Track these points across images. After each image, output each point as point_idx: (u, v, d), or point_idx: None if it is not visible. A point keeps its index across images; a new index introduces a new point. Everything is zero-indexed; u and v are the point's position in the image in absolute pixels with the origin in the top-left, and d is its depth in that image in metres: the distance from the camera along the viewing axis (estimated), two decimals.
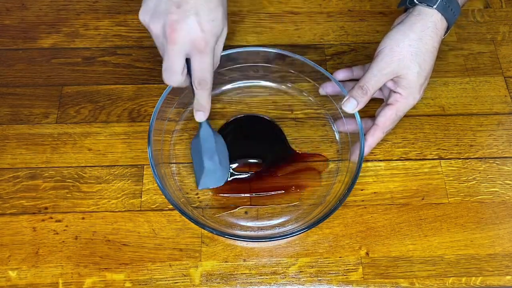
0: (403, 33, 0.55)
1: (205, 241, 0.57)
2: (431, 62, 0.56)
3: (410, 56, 0.54)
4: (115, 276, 0.55)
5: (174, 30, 0.49)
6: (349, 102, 0.56)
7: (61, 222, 0.57)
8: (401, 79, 0.55)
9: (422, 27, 0.55)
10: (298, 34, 0.71)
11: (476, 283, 0.55)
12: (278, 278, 0.55)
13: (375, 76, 0.55)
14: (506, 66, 0.69)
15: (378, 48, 0.56)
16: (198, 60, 0.51)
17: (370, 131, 0.57)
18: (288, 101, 0.65)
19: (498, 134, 0.64)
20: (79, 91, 0.65)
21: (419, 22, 0.55)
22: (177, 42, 0.49)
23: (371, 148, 0.57)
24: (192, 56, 0.51)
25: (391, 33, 0.56)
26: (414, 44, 0.54)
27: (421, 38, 0.55)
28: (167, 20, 0.49)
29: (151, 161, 0.54)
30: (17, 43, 0.69)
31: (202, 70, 0.52)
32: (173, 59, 0.51)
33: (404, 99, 0.56)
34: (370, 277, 0.55)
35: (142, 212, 0.58)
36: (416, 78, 0.55)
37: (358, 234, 0.57)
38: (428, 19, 0.55)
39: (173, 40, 0.49)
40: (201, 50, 0.50)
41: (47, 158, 0.61)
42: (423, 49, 0.55)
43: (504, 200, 0.59)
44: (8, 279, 0.54)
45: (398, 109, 0.56)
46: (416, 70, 0.55)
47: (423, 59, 0.55)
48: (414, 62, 0.54)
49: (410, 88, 0.55)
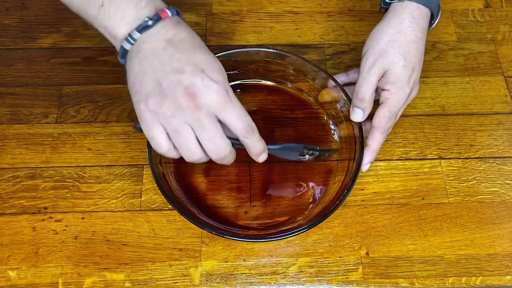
0: (381, 31, 0.56)
1: (205, 241, 0.56)
2: (417, 52, 0.56)
3: (393, 50, 0.55)
4: (115, 276, 0.55)
5: (193, 95, 0.44)
6: (354, 112, 0.57)
7: (61, 222, 0.57)
8: (388, 75, 0.55)
9: (398, 20, 0.56)
10: (298, 34, 0.71)
11: (476, 283, 0.55)
12: (278, 278, 0.55)
13: (364, 78, 0.56)
14: (506, 66, 0.68)
15: (363, 51, 0.57)
16: (230, 112, 0.46)
17: (370, 135, 0.57)
18: (288, 101, 0.65)
19: (498, 134, 0.64)
20: (79, 90, 0.65)
21: (394, 17, 0.56)
22: (202, 106, 0.44)
23: (375, 152, 0.57)
24: (222, 112, 0.46)
25: (371, 34, 0.57)
26: (395, 38, 0.55)
27: (400, 30, 0.55)
28: (179, 91, 0.44)
29: (150, 161, 0.54)
30: (16, 42, 0.69)
31: (240, 118, 0.47)
32: (210, 125, 0.45)
33: (394, 95, 0.56)
34: (370, 277, 0.55)
35: (142, 212, 0.58)
36: (402, 70, 0.55)
37: (358, 234, 0.57)
38: (402, 12, 0.56)
39: (198, 105, 0.44)
40: (227, 101, 0.46)
41: (46, 158, 0.61)
42: (405, 40, 0.55)
43: (504, 200, 0.59)
44: (7, 279, 0.54)
45: (390, 105, 0.56)
46: (402, 63, 0.55)
47: (407, 50, 0.55)
48: (398, 54, 0.55)
49: (398, 82, 0.55)
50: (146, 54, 0.46)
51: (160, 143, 0.47)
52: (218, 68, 0.47)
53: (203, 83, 0.45)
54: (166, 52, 0.46)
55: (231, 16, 0.72)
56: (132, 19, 0.47)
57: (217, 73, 0.46)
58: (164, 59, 0.46)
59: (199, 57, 0.46)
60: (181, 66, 0.45)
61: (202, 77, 0.45)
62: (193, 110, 0.44)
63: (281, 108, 0.64)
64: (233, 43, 0.70)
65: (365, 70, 0.56)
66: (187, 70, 0.45)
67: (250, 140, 0.48)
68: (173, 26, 0.47)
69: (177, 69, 0.45)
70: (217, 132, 0.46)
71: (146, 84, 0.46)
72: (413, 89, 0.58)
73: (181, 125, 0.45)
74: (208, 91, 0.45)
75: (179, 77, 0.45)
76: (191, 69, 0.45)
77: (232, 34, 0.70)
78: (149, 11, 0.47)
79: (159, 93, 0.45)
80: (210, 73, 0.46)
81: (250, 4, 0.73)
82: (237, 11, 0.73)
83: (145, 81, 0.46)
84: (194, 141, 0.46)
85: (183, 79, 0.45)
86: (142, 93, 0.46)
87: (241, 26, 0.71)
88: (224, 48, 0.66)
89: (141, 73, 0.46)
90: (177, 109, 0.45)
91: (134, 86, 0.47)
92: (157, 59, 0.46)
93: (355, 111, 0.56)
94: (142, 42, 0.47)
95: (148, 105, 0.45)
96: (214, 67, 0.46)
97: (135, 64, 0.47)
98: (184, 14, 0.69)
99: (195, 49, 0.47)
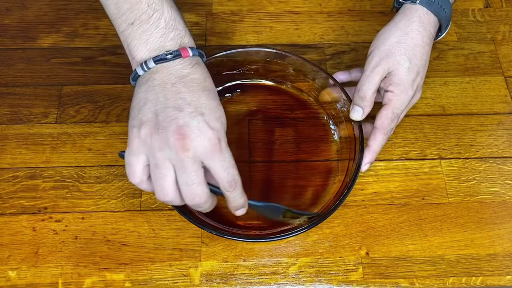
0: (389, 31, 0.56)
1: (205, 241, 0.56)
2: (423, 56, 0.56)
3: (399, 51, 0.55)
4: (115, 276, 0.55)
5: (183, 136, 0.44)
6: (354, 111, 0.57)
7: (61, 222, 0.57)
8: (392, 76, 0.55)
9: (407, 22, 0.56)
10: (298, 34, 0.71)
11: (476, 283, 0.55)
12: (278, 278, 0.55)
13: (367, 77, 0.55)
14: (506, 66, 0.68)
15: (369, 50, 0.57)
16: (217, 161, 0.45)
17: (371, 135, 0.57)
18: (288, 101, 0.65)
19: (498, 134, 0.64)
20: (79, 90, 0.65)
21: (404, 18, 0.56)
22: (190, 148, 0.44)
23: (376, 153, 0.56)
24: (209, 160, 0.45)
25: (379, 33, 0.57)
26: (402, 40, 0.55)
27: (407, 33, 0.55)
28: (172, 128, 0.44)
29: None
30: (16, 42, 0.69)
31: (226, 170, 0.46)
32: (191, 170, 0.44)
33: (397, 96, 0.56)
34: (370, 277, 0.55)
35: (141, 212, 0.58)
36: (406, 73, 0.55)
37: (358, 234, 0.57)
38: (412, 15, 0.56)
39: (185, 146, 0.43)
40: (217, 150, 0.45)
41: (46, 158, 0.61)
42: (411, 43, 0.55)
43: (504, 200, 0.59)
44: (7, 279, 0.54)
45: (393, 107, 0.56)
46: (406, 65, 0.55)
47: (413, 53, 0.55)
48: (404, 56, 0.55)
49: (402, 84, 0.55)
50: (154, 85, 0.47)
51: (134, 171, 0.46)
52: (218, 115, 0.47)
53: (197, 126, 0.44)
54: (174, 88, 0.46)
55: (231, 16, 0.72)
56: (154, 48, 0.48)
57: (215, 120, 0.46)
58: (169, 94, 0.46)
59: (203, 100, 0.46)
60: (182, 105, 0.45)
61: (199, 121, 0.45)
62: (179, 150, 0.44)
63: (281, 108, 0.64)
64: (233, 43, 0.70)
65: (369, 68, 0.56)
66: (187, 110, 0.45)
67: (231, 194, 0.47)
68: (190, 65, 0.48)
69: (177, 107, 0.45)
70: (196, 178, 0.45)
71: (144, 112, 0.46)
72: (416, 93, 0.57)
73: (164, 161, 0.44)
74: (201, 136, 0.44)
75: (177, 114, 0.45)
76: (191, 110, 0.45)
77: (232, 34, 0.70)
78: (173, 45, 0.48)
79: (154, 125, 0.45)
80: (208, 118, 0.45)
81: (250, 4, 0.73)
82: (237, 11, 0.73)
83: (145, 109, 0.46)
84: (170, 181, 0.45)
85: (179, 117, 0.44)
86: (139, 120, 0.46)
87: (241, 26, 0.71)
88: (224, 48, 0.66)
89: (144, 101, 0.46)
90: (164, 144, 0.44)
91: (134, 111, 0.47)
92: (162, 93, 0.46)
93: (355, 109, 0.56)
94: (155, 71, 0.47)
95: (140, 133, 0.45)
96: (214, 114, 0.46)
97: (142, 90, 0.47)
98: (184, 14, 0.69)
99: (202, 92, 0.47)
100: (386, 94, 0.56)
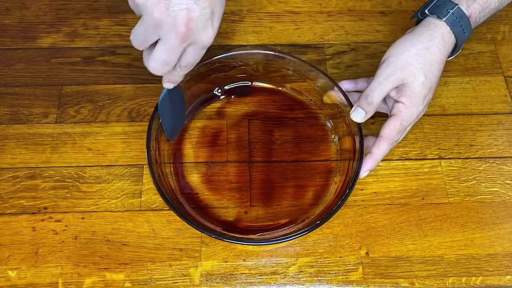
0: (410, 42, 0.55)
1: (205, 241, 0.56)
2: (437, 74, 0.55)
3: (416, 65, 0.54)
4: (115, 276, 0.55)
5: (190, 29, 0.46)
6: (357, 112, 0.56)
7: (61, 222, 0.57)
8: (406, 88, 0.54)
9: (430, 37, 0.55)
10: (298, 34, 0.71)
11: (476, 283, 0.55)
12: (278, 278, 0.55)
13: (380, 83, 0.54)
14: (506, 66, 0.68)
15: (384, 56, 0.56)
16: (196, 52, 0.50)
17: (375, 143, 0.56)
18: (288, 102, 0.65)
19: (498, 134, 0.64)
20: (79, 90, 0.65)
21: (427, 32, 0.55)
22: (187, 40, 0.47)
23: (377, 161, 0.56)
24: (192, 48, 0.49)
25: (398, 41, 0.56)
26: (421, 53, 0.54)
27: (428, 48, 0.54)
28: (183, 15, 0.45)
29: (149, 162, 0.54)
30: (16, 42, 0.69)
31: (195, 59, 0.50)
32: (172, 53, 0.48)
33: (407, 109, 0.55)
34: (370, 277, 0.55)
35: (141, 212, 0.58)
36: (420, 87, 0.54)
37: (358, 234, 0.57)
38: (436, 30, 0.55)
39: (185, 37, 0.47)
40: (205, 47, 0.49)
41: (46, 158, 0.61)
42: (430, 59, 0.54)
43: (504, 200, 0.59)
44: (7, 279, 0.54)
45: (402, 118, 0.55)
46: (422, 80, 0.54)
47: (429, 69, 0.54)
48: (420, 70, 0.54)
49: (414, 97, 0.54)
50: None
51: None
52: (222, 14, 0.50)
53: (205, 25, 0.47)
54: None
55: (231, 16, 0.72)
56: None
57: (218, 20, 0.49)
58: None
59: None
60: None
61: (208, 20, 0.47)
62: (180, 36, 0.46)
63: (280, 109, 0.64)
64: (233, 43, 0.70)
65: (383, 76, 0.54)
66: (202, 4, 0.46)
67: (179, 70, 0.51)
68: None
69: None
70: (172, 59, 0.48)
71: None
72: (424, 108, 0.57)
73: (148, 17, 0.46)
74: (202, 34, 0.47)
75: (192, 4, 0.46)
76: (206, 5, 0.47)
77: (232, 34, 0.70)
78: None
79: None
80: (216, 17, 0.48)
81: (250, 4, 0.73)
82: (237, 11, 0.73)
83: None
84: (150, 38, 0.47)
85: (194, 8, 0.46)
86: None
87: (241, 26, 0.71)
88: (224, 48, 0.66)
89: None
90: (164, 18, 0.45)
91: None
92: None
93: (358, 110, 0.56)
94: None
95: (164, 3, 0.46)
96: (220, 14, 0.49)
97: None
98: None
99: None
100: (396, 105, 0.56)
